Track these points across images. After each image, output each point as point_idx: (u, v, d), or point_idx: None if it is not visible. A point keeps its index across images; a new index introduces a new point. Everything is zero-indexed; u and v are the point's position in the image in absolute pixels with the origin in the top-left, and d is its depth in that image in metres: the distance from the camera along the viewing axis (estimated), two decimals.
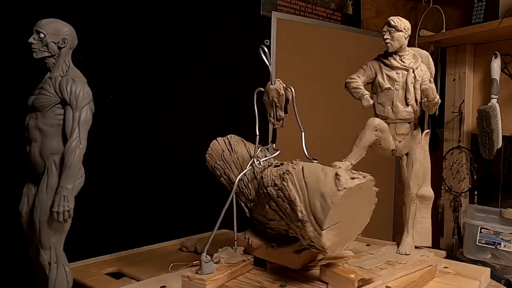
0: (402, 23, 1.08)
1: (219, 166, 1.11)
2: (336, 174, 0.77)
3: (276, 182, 0.84)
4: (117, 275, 1.22)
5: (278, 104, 0.98)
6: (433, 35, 2.24)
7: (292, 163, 0.88)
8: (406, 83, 1.08)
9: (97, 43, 1.59)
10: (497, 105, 1.99)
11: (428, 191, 1.13)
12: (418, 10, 2.63)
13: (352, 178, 0.79)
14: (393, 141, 1.11)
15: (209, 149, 1.13)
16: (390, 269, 0.98)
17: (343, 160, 1.04)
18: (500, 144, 2.00)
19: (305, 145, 0.94)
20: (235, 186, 0.89)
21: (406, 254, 1.07)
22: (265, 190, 0.88)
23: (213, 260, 0.96)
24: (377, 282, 0.92)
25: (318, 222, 0.81)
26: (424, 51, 1.15)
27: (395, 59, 1.09)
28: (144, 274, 1.14)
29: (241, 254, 1.03)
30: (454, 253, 2.19)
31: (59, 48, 1.05)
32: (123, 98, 1.69)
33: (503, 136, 2.00)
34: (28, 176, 1.10)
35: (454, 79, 2.27)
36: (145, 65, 1.74)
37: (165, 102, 1.80)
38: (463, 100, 2.22)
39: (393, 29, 1.07)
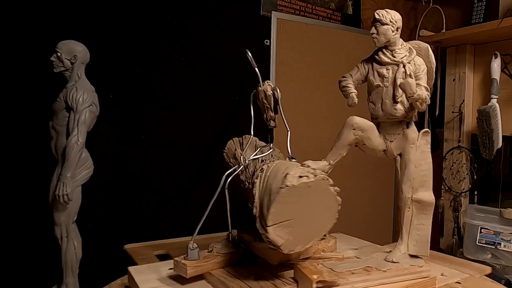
0: (389, 15, 1.01)
1: (231, 164, 1.15)
2: (287, 172, 0.77)
3: (254, 180, 0.86)
4: (164, 257, 1.34)
5: (267, 105, 1.01)
6: (433, 35, 2.23)
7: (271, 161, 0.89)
8: (395, 79, 1.00)
9: (97, 43, 1.62)
10: (497, 105, 1.98)
11: (426, 195, 1.01)
12: (418, 10, 2.63)
13: (300, 177, 0.78)
14: (383, 141, 1.04)
15: (225, 147, 1.19)
16: (364, 275, 0.92)
17: (322, 160, 1.00)
18: (500, 144, 1.99)
19: (289, 144, 0.96)
20: (222, 182, 0.93)
21: (393, 262, 0.98)
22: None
23: (207, 249, 1.03)
24: (345, 287, 0.89)
25: (264, 218, 0.81)
26: (425, 43, 1.06)
27: (385, 54, 1.03)
28: None
29: (235, 246, 1.05)
30: (454, 253, 2.19)
31: (72, 63, 1.25)
32: (123, 98, 1.72)
33: (503, 136, 1.99)
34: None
35: (454, 79, 2.26)
36: (145, 65, 1.76)
37: (165, 102, 1.82)
38: (463, 100, 2.22)
39: (378, 22, 1.01)
